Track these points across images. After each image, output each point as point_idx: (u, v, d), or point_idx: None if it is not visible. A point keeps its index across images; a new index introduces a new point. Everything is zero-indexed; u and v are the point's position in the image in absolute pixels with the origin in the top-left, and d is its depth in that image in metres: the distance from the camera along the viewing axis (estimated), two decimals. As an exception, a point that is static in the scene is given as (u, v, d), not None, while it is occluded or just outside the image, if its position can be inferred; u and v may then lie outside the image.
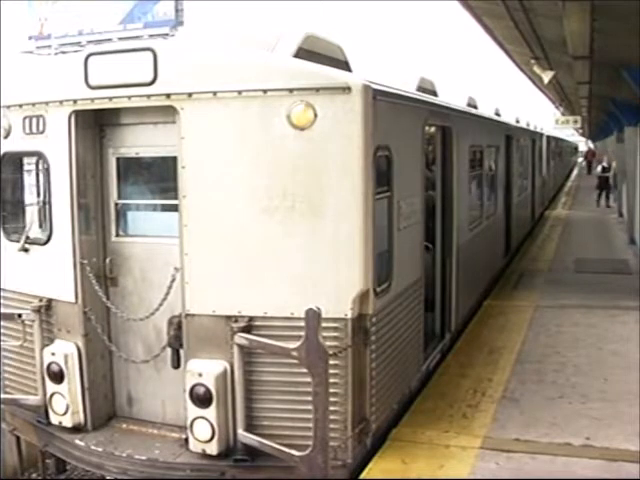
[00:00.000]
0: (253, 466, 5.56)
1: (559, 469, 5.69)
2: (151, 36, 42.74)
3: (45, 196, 6.47)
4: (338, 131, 5.37)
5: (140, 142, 6.18)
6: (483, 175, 11.14)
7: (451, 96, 10.21)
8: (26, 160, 6.95)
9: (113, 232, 6.35)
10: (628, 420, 6.53)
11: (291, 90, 5.37)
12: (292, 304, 5.41)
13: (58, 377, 6.16)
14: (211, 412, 5.54)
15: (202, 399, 5.54)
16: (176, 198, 5.78)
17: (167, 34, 46.13)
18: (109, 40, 37.24)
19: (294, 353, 4.94)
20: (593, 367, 8.11)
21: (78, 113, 6.05)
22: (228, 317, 5.58)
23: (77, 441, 6.10)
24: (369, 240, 5.50)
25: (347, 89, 5.33)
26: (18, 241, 6.60)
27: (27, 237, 6.56)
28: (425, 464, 5.75)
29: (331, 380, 5.03)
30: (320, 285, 5.45)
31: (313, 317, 4.78)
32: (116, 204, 6.35)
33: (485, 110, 13.05)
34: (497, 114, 14.99)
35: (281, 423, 5.57)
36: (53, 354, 6.18)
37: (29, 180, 7.04)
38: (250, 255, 5.57)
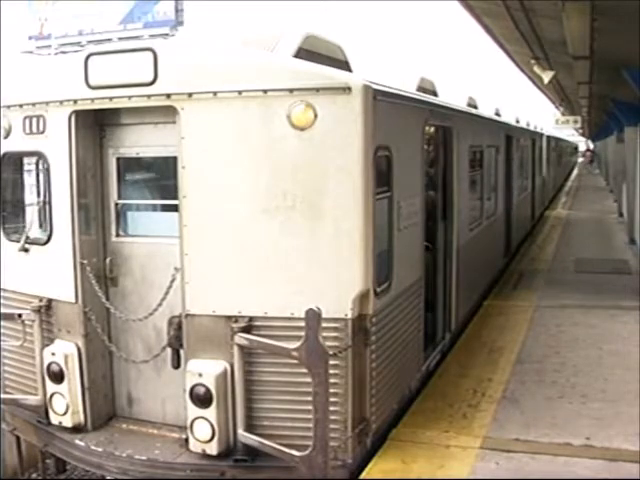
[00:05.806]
0: (253, 466, 5.56)
1: (559, 469, 5.68)
2: (151, 36, 42.74)
3: (45, 196, 6.47)
4: (338, 131, 5.36)
5: (140, 142, 6.19)
6: (483, 175, 11.14)
7: (451, 96, 10.20)
8: (26, 160, 6.96)
9: (113, 232, 6.35)
10: (628, 420, 6.53)
11: (291, 90, 5.37)
12: (292, 304, 5.41)
13: (58, 377, 6.16)
14: (211, 412, 5.54)
15: (202, 399, 5.54)
16: (176, 198, 5.78)
17: (167, 34, 46.12)
18: (109, 40, 37.28)
19: (294, 353, 4.94)
20: (593, 367, 8.10)
21: (78, 113, 6.05)
22: (228, 317, 5.58)
23: (77, 441, 6.10)
24: (369, 240, 5.50)
25: (347, 89, 5.33)
26: (18, 241, 6.61)
27: (27, 237, 6.57)
28: (425, 464, 5.75)
29: (331, 380, 5.03)
30: (320, 285, 5.44)
31: (313, 317, 4.78)
32: (116, 204, 6.35)
33: (485, 110, 13.04)
34: (497, 114, 14.97)
35: (281, 423, 5.56)
36: (53, 354, 6.18)
37: (29, 180, 7.05)
38: (250, 255, 5.57)
